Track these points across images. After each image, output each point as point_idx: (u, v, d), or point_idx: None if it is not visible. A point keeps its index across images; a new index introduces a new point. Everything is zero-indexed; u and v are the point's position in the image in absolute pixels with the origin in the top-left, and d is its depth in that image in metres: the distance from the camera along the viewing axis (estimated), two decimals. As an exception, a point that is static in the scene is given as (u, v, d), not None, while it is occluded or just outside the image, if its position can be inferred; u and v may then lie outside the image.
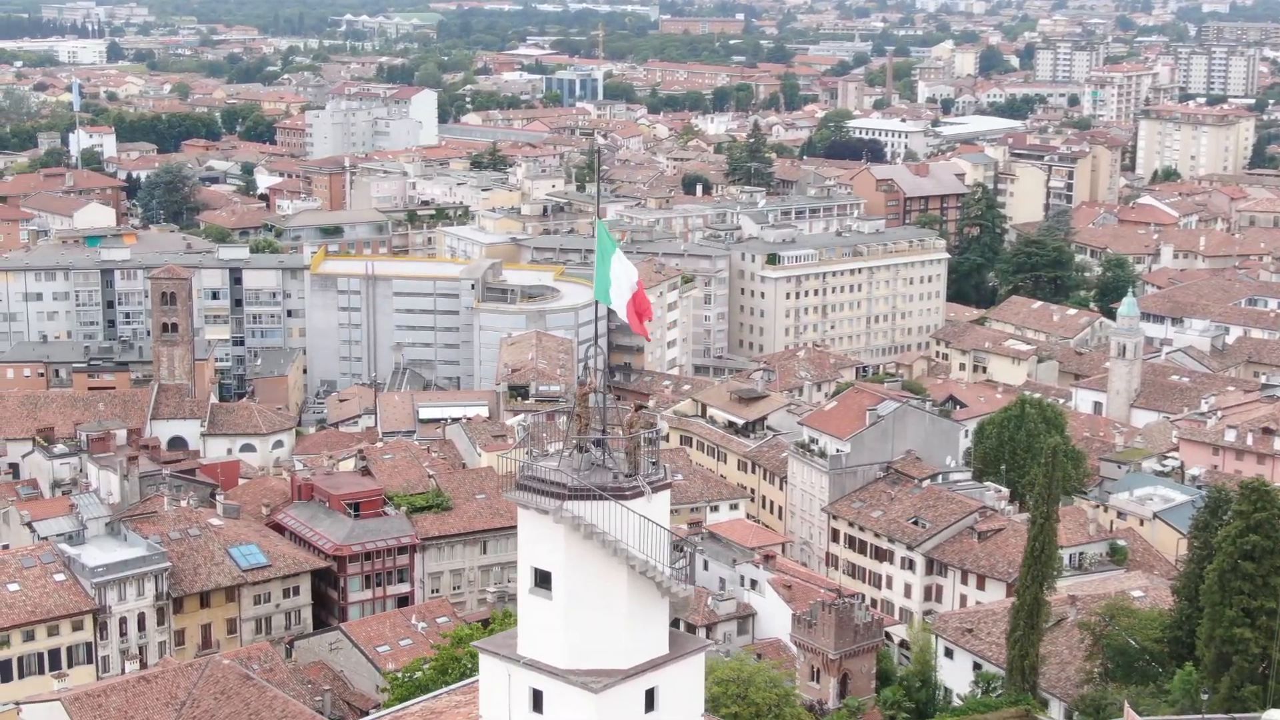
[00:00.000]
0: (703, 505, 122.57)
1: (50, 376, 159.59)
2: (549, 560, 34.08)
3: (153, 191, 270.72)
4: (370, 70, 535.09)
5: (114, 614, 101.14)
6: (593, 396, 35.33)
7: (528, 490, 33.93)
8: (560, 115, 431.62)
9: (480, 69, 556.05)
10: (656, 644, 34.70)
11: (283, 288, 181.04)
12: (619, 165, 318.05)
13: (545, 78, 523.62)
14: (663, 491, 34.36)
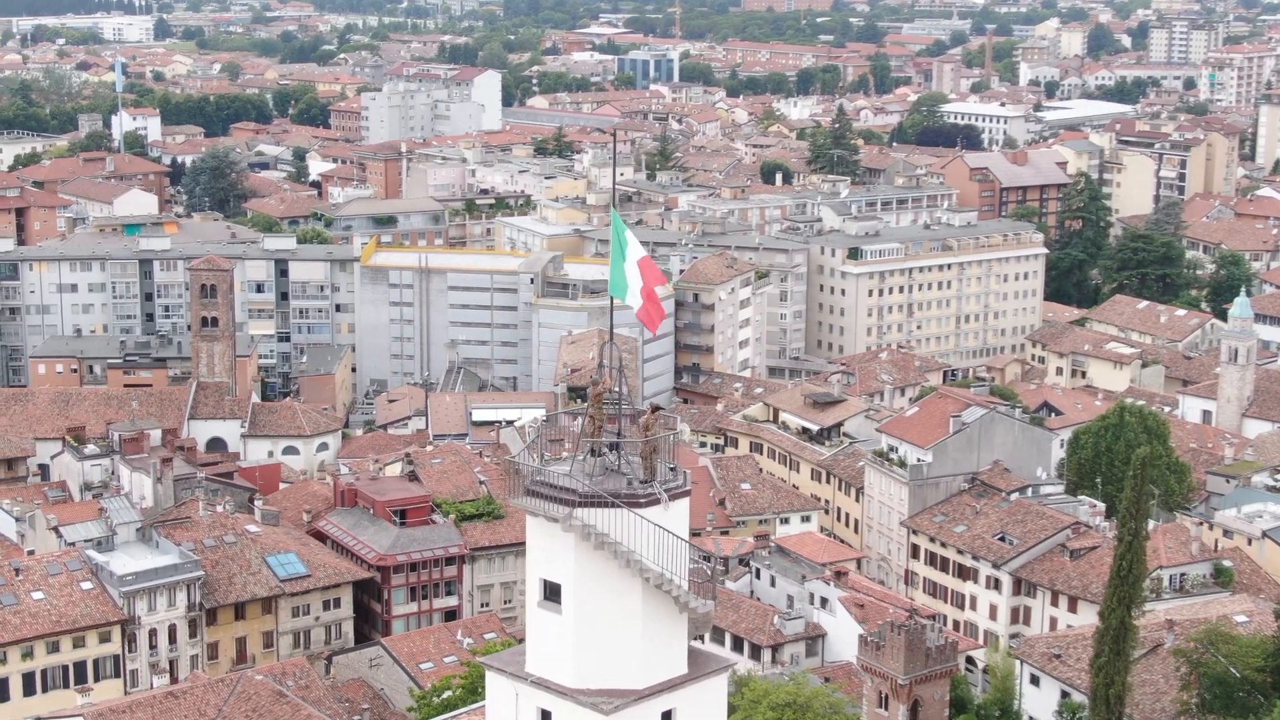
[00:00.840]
0: (771, 517, 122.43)
1: (84, 373, 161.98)
2: (558, 572, 34.05)
3: (197, 177, 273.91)
4: (432, 50, 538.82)
5: (143, 625, 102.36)
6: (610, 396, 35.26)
7: (536, 496, 33.97)
8: (632, 98, 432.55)
9: (548, 49, 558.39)
10: (674, 663, 34.58)
11: (331, 280, 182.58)
12: (693, 152, 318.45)
13: (617, 58, 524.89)
14: (681, 499, 34.25)
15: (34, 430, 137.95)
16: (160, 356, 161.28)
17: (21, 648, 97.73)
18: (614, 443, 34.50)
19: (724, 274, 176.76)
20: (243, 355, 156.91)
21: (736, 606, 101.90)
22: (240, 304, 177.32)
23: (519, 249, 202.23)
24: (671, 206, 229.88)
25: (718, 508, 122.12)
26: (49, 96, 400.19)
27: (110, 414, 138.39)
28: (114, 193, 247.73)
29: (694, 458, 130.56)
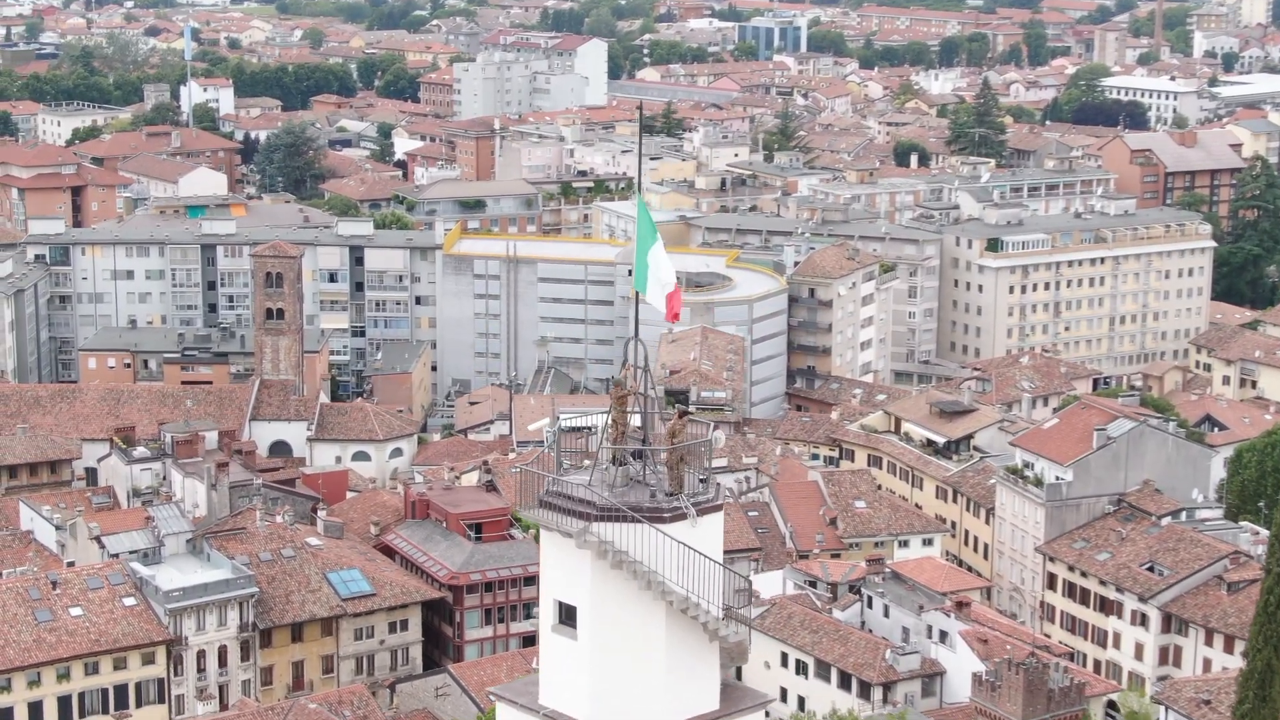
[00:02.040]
0: (889, 539, 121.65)
1: (138, 367, 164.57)
2: (574, 593, 33.90)
3: (271, 155, 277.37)
4: (534, 16, 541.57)
5: (191, 646, 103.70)
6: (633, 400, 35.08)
7: (551, 509, 33.89)
8: (753, 71, 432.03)
9: (662, 15, 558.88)
10: (704, 697, 34.31)
11: (411, 270, 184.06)
12: (819, 131, 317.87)
13: (738, 25, 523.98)
14: (712, 514, 33.96)
15: (81, 430, 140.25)
16: (221, 351, 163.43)
17: (57, 668, 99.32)
18: (639, 451, 34.31)
19: (844, 267, 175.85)
20: (311, 351, 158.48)
21: (844, 639, 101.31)
22: (311, 295, 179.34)
23: (618, 237, 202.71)
24: (790, 191, 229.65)
25: (828, 527, 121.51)
26: (113, 64, 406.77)
27: (164, 413, 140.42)
28: (179, 171, 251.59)
29: (802, 471, 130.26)
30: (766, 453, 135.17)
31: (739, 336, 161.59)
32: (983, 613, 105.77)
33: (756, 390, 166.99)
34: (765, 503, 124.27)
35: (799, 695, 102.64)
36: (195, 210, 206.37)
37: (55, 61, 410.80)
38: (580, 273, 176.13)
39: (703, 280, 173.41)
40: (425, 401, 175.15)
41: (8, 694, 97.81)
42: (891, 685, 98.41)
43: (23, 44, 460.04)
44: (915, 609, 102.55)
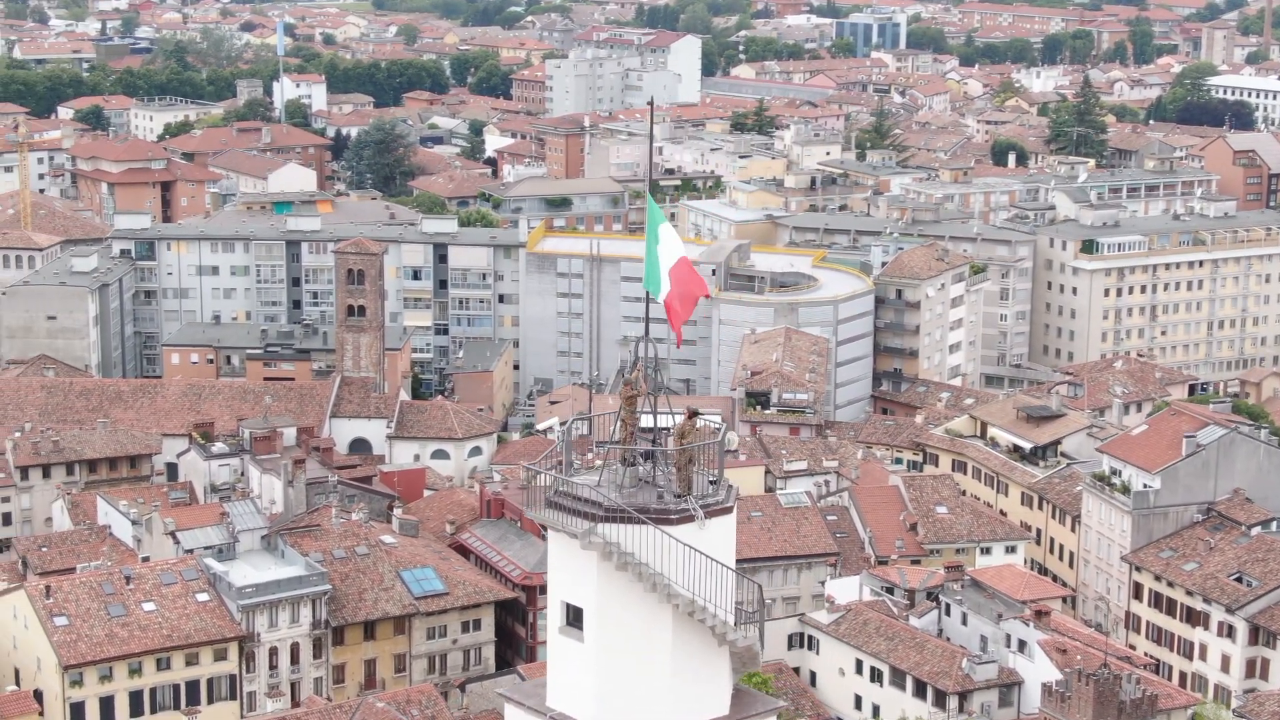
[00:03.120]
0: (970, 546, 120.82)
1: (220, 363, 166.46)
2: (580, 594, 33.92)
3: (361, 152, 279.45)
4: (629, 12, 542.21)
5: (263, 643, 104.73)
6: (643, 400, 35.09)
7: (558, 509, 33.94)
8: (850, 68, 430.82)
9: (759, 11, 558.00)
10: (712, 702, 34.23)
11: (494, 268, 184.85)
12: (915, 129, 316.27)
13: (835, 22, 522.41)
14: (721, 516, 33.88)
15: (162, 425, 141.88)
16: (304, 348, 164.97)
17: (129, 663, 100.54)
18: (648, 451, 34.30)
19: (933, 267, 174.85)
20: (393, 348, 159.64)
21: (920, 646, 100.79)
22: (395, 292, 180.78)
23: (704, 236, 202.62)
24: (882, 190, 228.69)
25: (908, 533, 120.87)
26: (206, 60, 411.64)
27: (244, 409, 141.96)
28: (269, 167, 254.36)
29: (884, 475, 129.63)
30: (848, 456, 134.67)
31: (823, 338, 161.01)
32: (1063, 622, 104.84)
33: (841, 393, 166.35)
34: (844, 507, 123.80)
35: (873, 703, 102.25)
36: (281, 206, 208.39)
37: (149, 56, 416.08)
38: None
39: (787, 280, 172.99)
40: (507, 400, 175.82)
41: (79, 688, 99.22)
42: (968, 694, 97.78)
43: (118, 38, 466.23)
44: (994, 617, 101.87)
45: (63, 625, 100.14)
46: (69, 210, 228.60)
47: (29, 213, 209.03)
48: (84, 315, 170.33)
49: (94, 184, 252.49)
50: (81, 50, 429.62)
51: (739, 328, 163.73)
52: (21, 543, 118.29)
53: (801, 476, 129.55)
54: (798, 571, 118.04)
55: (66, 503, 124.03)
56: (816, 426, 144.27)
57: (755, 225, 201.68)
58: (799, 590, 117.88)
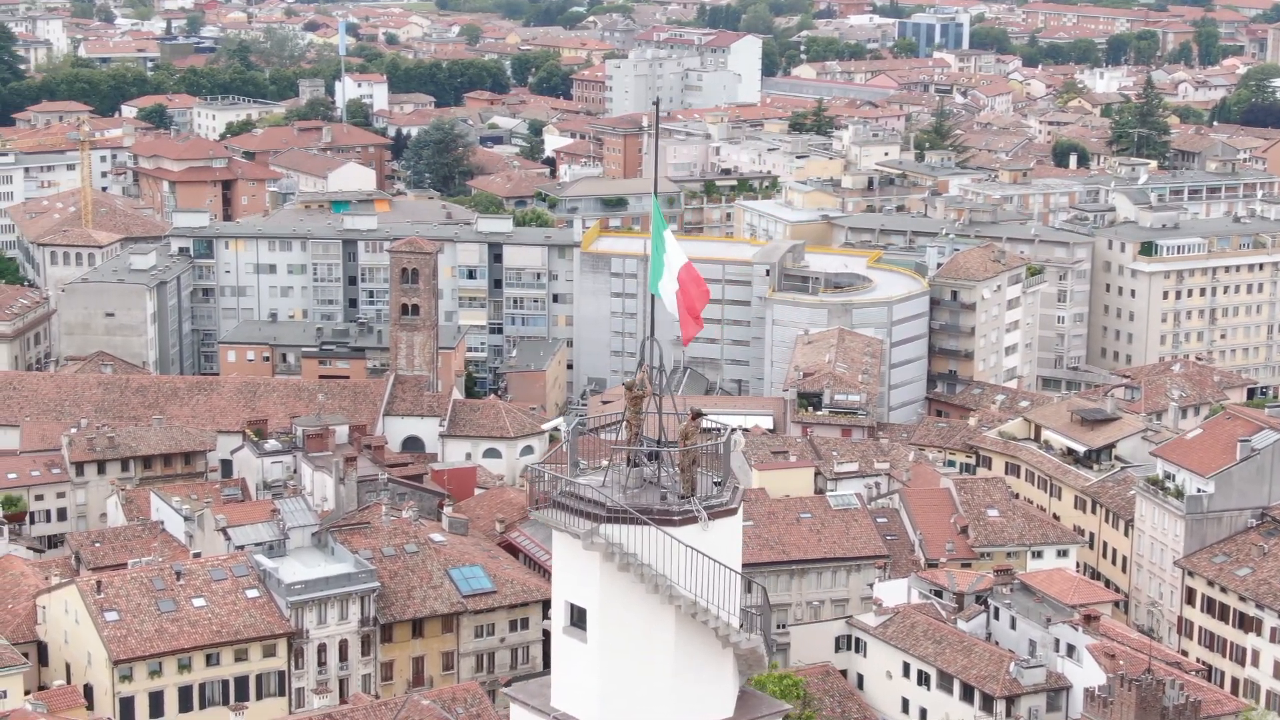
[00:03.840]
0: (1021, 549, 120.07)
1: (276, 361, 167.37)
2: (583, 595, 33.90)
3: (420, 152, 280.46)
4: (690, 12, 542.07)
5: (312, 639, 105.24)
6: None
7: (562, 509, 33.91)
8: (912, 68, 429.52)
9: (821, 11, 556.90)
10: (716, 704, 34.14)
11: (549, 268, 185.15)
12: (976, 129, 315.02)
13: (898, 21, 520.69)
14: (725, 518, 33.77)
15: (217, 422, 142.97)
16: (359, 346, 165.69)
17: (179, 659, 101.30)
18: (653, 452, 34.23)
19: (989, 269, 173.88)
20: (447, 347, 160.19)
21: (968, 650, 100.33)
22: (450, 291, 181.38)
23: (759, 236, 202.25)
24: (940, 191, 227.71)
25: (958, 536, 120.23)
26: (269, 59, 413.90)
27: (298, 407, 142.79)
28: (329, 166, 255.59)
29: (935, 478, 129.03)
30: (899, 458, 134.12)
31: (877, 339, 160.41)
32: (1112, 627, 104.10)
33: (895, 394, 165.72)
34: (895, 509, 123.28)
35: (920, 706, 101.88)
36: (339, 205, 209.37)
37: (213, 55, 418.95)
38: (718, 272, 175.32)
39: (841, 281, 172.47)
40: (560, 399, 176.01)
41: (129, 683, 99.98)
42: (1015, 699, 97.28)
43: (182, 37, 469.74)
44: (1043, 621, 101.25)
45: (113, 620, 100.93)
46: (130, 208, 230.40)
47: (90, 210, 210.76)
48: (142, 312, 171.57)
49: (155, 182, 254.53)
50: (146, 49, 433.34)
51: (792, 328, 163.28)
52: (75, 538, 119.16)
53: (852, 478, 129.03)
54: (846, 574, 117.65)
55: (121, 499, 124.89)
56: (869, 428, 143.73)
57: (811, 226, 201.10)
58: (848, 592, 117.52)
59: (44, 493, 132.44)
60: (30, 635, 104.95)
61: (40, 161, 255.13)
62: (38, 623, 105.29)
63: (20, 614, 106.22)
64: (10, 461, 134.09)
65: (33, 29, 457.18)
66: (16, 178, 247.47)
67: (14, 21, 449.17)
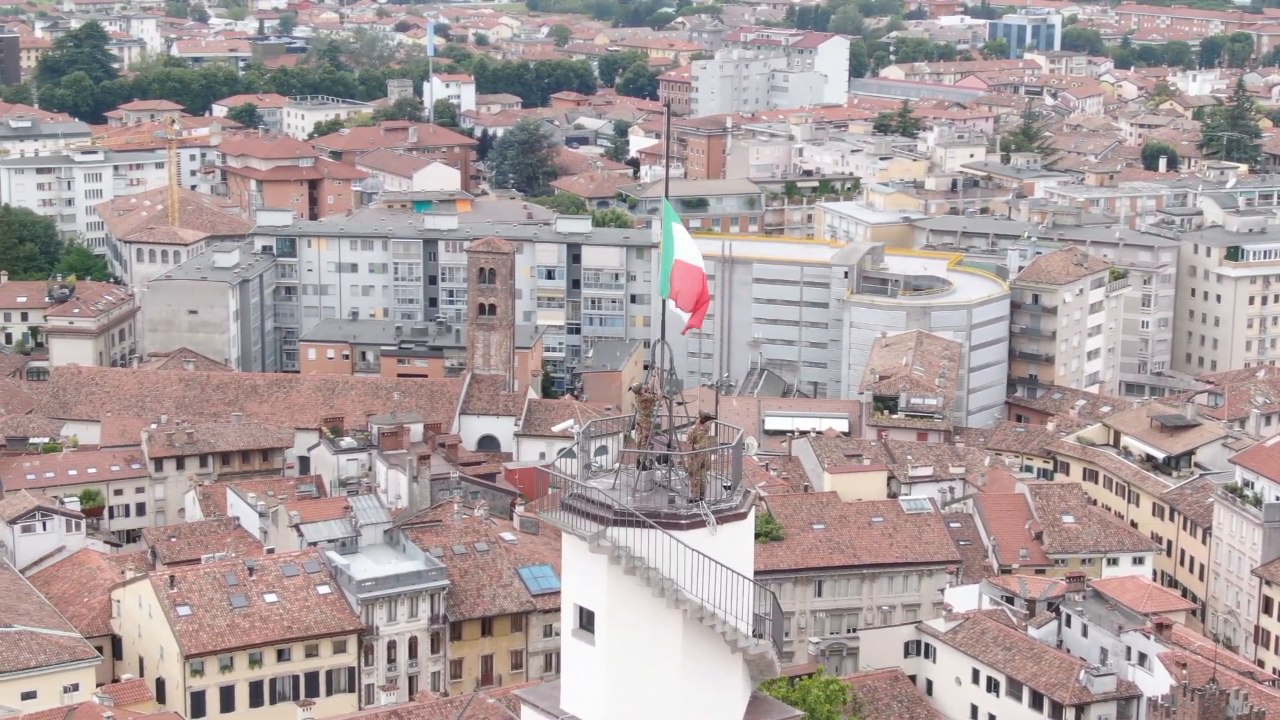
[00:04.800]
0: (1096, 556, 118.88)
1: (356, 359, 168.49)
2: (591, 598, 33.82)
3: (505, 152, 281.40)
4: (780, 13, 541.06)
5: (381, 636, 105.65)
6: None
7: (571, 512, 33.81)
8: (1002, 69, 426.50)
9: (912, 12, 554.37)
10: (726, 709, 33.94)
11: (627, 268, 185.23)
12: (1066, 132, 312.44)
13: (989, 23, 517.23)
14: (735, 522, 33.53)
15: (295, 419, 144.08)
16: (437, 345, 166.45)
17: (250, 654, 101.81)
18: (664, 455, 34.07)
19: (1071, 272, 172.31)
20: (524, 347, 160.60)
21: (1038, 657, 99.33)
22: (529, 291, 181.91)
23: (839, 238, 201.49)
24: (1026, 194, 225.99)
25: (1033, 542, 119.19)
26: (359, 59, 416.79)
27: (375, 405, 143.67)
28: (414, 166, 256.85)
29: (1011, 483, 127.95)
30: (975, 463, 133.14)
31: (956, 342, 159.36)
32: (1185, 635, 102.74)
33: (974, 398, 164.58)
34: (969, 514, 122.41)
35: (989, 713, 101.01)
36: (421, 205, 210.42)
37: (303, 56, 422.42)
38: (796, 274, 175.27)
39: (920, 284, 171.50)
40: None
41: (200, 678, 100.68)
42: (1084, 707, 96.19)
43: (274, 37, 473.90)
44: (1114, 629, 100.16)
45: (185, 615, 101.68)
46: (216, 206, 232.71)
47: (176, 208, 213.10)
48: (224, 310, 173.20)
49: (243, 181, 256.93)
50: (238, 49, 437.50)
51: (870, 331, 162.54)
52: (151, 533, 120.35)
53: (926, 483, 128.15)
54: (918, 579, 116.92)
55: (198, 494, 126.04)
56: (945, 432, 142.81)
57: (891, 228, 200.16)
58: (919, 597, 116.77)
59: (123, 488, 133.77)
60: (105, 629, 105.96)
61: (129, 160, 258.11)
62: (112, 616, 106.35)
63: (95, 608, 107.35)
64: (91, 456, 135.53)
65: (126, 28, 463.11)
66: (106, 175, 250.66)
67: (108, 20, 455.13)
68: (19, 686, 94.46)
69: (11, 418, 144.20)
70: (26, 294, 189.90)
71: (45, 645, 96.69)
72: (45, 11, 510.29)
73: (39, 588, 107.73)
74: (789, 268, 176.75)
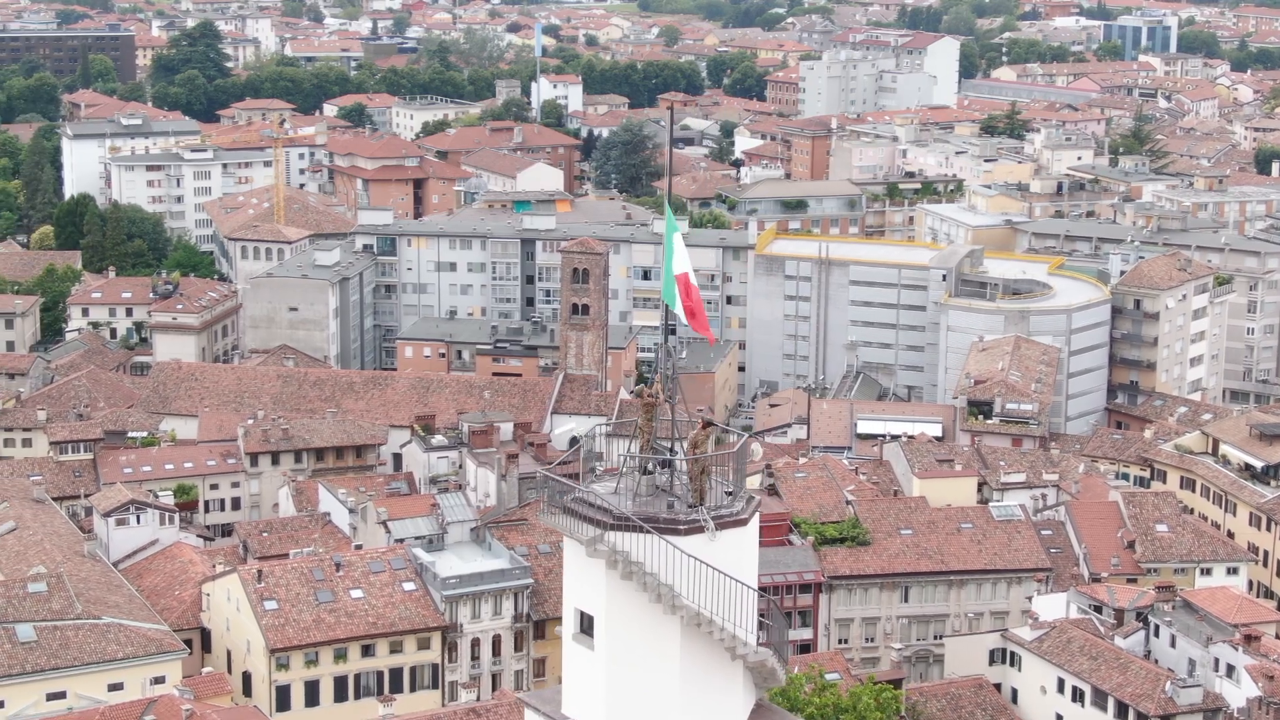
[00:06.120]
0: (1189, 566, 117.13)
1: (452, 358, 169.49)
2: (591, 602, 33.73)
3: (608, 152, 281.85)
4: (891, 14, 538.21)
5: (465, 634, 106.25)
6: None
7: (571, 515, 33.71)
8: (1116, 71, 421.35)
9: (1026, 13, 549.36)
10: (726, 716, 33.67)
11: (722, 269, 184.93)
12: (1179, 135, 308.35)
13: (1104, 24, 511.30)
14: (735, 528, 33.25)
15: (390, 417, 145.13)
16: (532, 344, 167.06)
17: (335, 649, 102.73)
18: (666, 460, 33.89)
19: (1174, 278, 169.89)
20: (617, 347, 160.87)
21: (1124, 667, 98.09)
22: (625, 291, 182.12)
23: (939, 240, 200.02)
24: (1134, 197, 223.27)
25: (1125, 551, 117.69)
26: (469, 60, 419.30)
27: (468, 403, 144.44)
28: (518, 166, 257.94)
29: (1104, 490, 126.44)
30: (1069, 470, 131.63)
31: (1054, 347, 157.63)
32: (1276, 647, 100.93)
33: (1073, 404, 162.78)
34: (1060, 522, 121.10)
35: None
36: (521, 205, 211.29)
37: (414, 56, 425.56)
38: (893, 276, 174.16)
39: (1020, 288, 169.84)
40: (730, 401, 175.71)
41: (285, 672, 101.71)
42: (1170, 718, 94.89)
43: (386, 38, 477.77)
44: (1202, 640, 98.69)
45: (272, 609, 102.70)
46: (322, 205, 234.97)
47: (282, 207, 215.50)
48: (324, 307, 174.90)
49: (349, 180, 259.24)
50: (350, 49, 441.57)
51: (968, 335, 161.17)
52: (243, 527, 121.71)
53: (1018, 489, 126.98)
54: (1007, 586, 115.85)
55: (291, 489, 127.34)
56: (1040, 438, 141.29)
57: (993, 230, 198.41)
58: (1008, 605, 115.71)
59: (219, 482, 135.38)
60: (195, 622, 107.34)
61: (238, 158, 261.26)
62: (202, 610, 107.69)
63: (186, 601, 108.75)
64: (187, 451, 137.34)
65: (242, 27, 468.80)
66: (215, 173, 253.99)
67: (224, 20, 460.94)
68: (106, 678, 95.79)
69: (112, 412, 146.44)
70: (132, 290, 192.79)
71: (133, 638, 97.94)
72: (163, 10, 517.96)
73: (132, 580, 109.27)
74: (887, 270, 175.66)
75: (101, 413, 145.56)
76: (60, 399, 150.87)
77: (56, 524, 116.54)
